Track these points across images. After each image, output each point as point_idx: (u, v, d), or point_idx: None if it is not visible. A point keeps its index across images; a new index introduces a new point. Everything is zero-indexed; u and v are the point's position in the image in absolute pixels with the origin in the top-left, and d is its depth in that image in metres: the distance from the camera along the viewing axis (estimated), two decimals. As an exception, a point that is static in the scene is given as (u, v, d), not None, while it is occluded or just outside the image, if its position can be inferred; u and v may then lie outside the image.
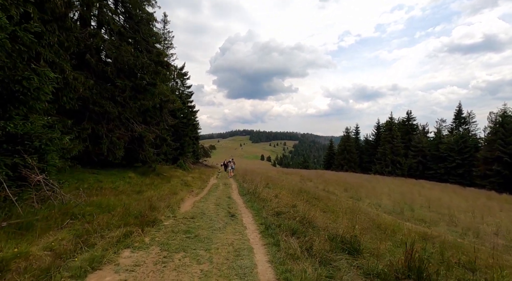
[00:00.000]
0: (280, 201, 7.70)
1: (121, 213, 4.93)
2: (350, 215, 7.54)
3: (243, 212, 6.34)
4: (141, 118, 13.20)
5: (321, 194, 11.34)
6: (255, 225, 5.06)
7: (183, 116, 27.21)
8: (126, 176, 10.67)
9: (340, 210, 7.84)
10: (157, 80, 12.74)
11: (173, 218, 5.06)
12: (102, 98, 10.86)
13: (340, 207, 9.01)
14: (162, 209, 5.41)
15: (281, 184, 15.01)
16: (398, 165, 41.77)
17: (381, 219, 6.96)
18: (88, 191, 6.74)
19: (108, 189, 7.67)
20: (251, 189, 9.60)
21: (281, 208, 6.21)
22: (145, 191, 8.51)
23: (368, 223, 5.83)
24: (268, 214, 5.81)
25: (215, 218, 5.39)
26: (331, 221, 5.81)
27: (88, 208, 4.83)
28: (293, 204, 6.86)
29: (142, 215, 4.62)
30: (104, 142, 10.75)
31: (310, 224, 4.96)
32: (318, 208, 8.01)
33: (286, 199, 8.14)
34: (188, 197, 9.05)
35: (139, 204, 5.90)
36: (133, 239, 3.62)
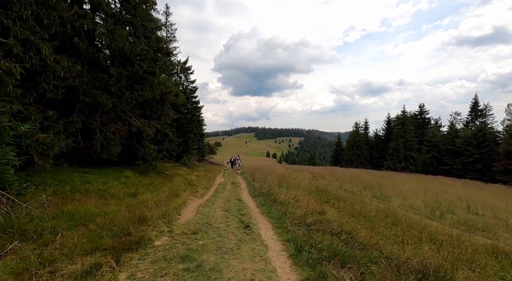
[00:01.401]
0: (301, 205, 6.37)
1: (99, 227, 3.66)
2: (390, 220, 6.18)
3: (259, 220, 5.02)
4: (139, 111, 11.97)
5: (342, 195, 9.96)
6: (279, 242, 3.74)
7: (187, 112, 26.01)
8: (122, 176, 9.46)
9: (376, 216, 6.47)
10: (156, 68, 11.46)
11: (169, 234, 3.76)
12: (94, 88, 9.63)
13: (370, 210, 7.64)
14: (155, 220, 4.11)
15: (293, 182, 13.67)
16: (411, 161, 39.95)
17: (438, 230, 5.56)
18: (69, 196, 5.51)
19: (96, 192, 6.44)
20: (264, 190, 8.29)
21: (306, 215, 4.88)
22: (141, 194, 7.27)
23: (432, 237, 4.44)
24: (292, 224, 4.48)
25: (224, 232, 4.09)
26: (376, 233, 4.45)
27: (53, 221, 3.58)
28: (320, 209, 5.52)
29: (125, 232, 3.34)
30: (97, 137, 9.54)
31: (356, 241, 3.62)
32: (347, 213, 6.65)
33: (307, 202, 6.80)
34: (192, 200, 7.79)
35: (128, 212, 4.64)
36: (100, 278, 2.33)
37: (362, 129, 54.90)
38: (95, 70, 10.01)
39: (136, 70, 10.85)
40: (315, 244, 3.37)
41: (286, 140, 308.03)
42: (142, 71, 10.93)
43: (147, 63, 11.26)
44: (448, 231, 5.25)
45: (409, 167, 39.66)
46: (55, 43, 7.37)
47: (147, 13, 12.48)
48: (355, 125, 54.28)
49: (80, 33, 9.31)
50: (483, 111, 41.67)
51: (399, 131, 41.16)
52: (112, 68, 10.07)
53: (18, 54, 5.76)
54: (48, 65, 6.61)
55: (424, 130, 44.88)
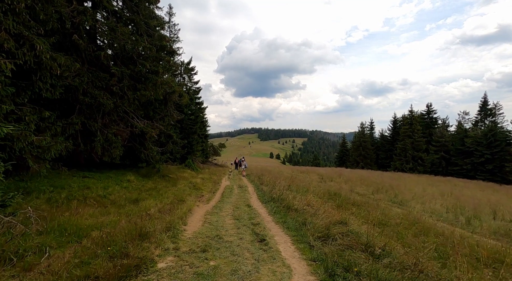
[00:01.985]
0: (317, 212, 5.81)
1: (95, 243, 3.15)
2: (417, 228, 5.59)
3: (275, 232, 4.47)
4: (142, 112, 11.50)
5: (357, 199, 9.37)
6: (303, 262, 3.18)
7: (191, 113, 25.60)
8: (124, 180, 8.98)
9: (400, 225, 5.88)
10: (159, 67, 10.98)
11: (174, 253, 3.22)
12: (95, 88, 9.18)
13: (391, 216, 7.04)
14: (158, 234, 3.59)
15: (302, 185, 13.10)
16: (419, 161, 39.04)
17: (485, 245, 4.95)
18: (64, 204, 5.01)
19: (95, 198, 5.95)
20: (275, 195, 7.74)
21: (330, 227, 4.31)
22: (144, 200, 6.76)
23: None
24: (314, 237, 3.93)
25: (238, 248, 3.55)
26: (409, 246, 3.89)
27: (39, 238, 3.07)
28: (341, 218, 4.95)
29: (123, 253, 2.81)
30: (98, 139, 9.08)
31: (393, 259, 3.05)
32: (368, 220, 6.07)
33: (324, 209, 6.23)
34: (198, 206, 7.27)
35: (129, 223, 4.12)
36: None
37: (367, 129, 54.01)
38: (95, 69, 9.57)
39: (138, 69, 10.40)
40: (350, 266, 2.81)
41: (290, 140, 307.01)
42: (144, 70, 10.47)
43: (150, 62, 10.79)
44: (503, 248, 4.61)
45: (417, 167, 38.76)
46: (53, 40, 6.92)
47: (150, 11, 12.06)
48: (360, 126, 53.45)
49: (80, 31, 8.88)
50: (493, 110, 40.58)
51: (406, 131, 40.28)
52: (113, 67, 9.61)
53: (10, 49, 5.31)
54: (43, 62, 6.15)
55: (431, 130, 43.89)
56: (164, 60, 11.66)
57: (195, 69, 31.05)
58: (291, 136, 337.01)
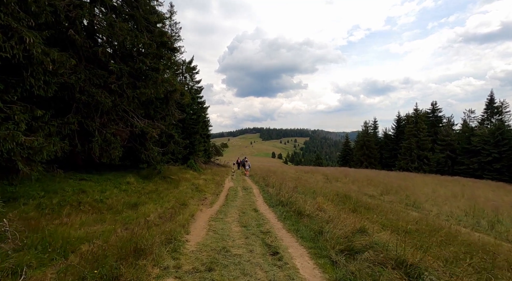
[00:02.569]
0: (331, 218, 5.33)
1: (84, 259, 2.69)
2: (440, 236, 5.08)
3: (288, 243, 4.00)
4: (142, 111, 11.06)
5: (368, 202, 8.87)
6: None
7: (193, 112, 25.16)
8: (124, 182, 8.54)
9: (420, 231, 5.38)
10: (160, 64, 10.54)
11: (175, 272, 2.74)
12: (92, 86, 8.75)
13: (408, 221, 6.55)
14: (156, 248, 3.12)
15: (309, 186, 12.61)
16: (425, 161, 38.37)
17: None
18: (55, 211, 4.56)
19: (91, 203, 5.51)
20: (284, 198, 7.25)
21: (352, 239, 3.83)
22: (143, 204, 6.31)
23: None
24: (335, 250, 3.45)
25: (248, 265, 3.07)
26: (441, 260, 3.40)
27: (15, 257, 2.61)
28: (359, 226, 4.46)
29: (114, 276, 2.36)
30: (96, 139, 8.65)
31: None
32: (387, 227, 5.59)
33: (337, 214, 5.75)
34: (201, 210, 6.80)
35: (126, 231, 3.67)
36: None
37: (371, 128, 53.34)
38: (93, 67, 9.14)
39: (138, 66, 9.95)
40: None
41: (291, 140, 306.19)
42: (144, 67, 10.02)
43: (150, 58, 10.35)
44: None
45: (423, 167, 38.10)
46: (46, 34, 6.48)
47: (150, 6, 11.61)
48: (364, 125, 52.82)
49: (76, 26, 8.44)
50: (499, 108, 39.83)
51: (411, 130, 39.61)
52: (112, 64, 9.17)
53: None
54: (34, 56, 5.71)
55: (437, 128, 43.19)
56: (165, 57, 11.22)
57: (197, 68, 30.62)
58: (293, 136, 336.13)
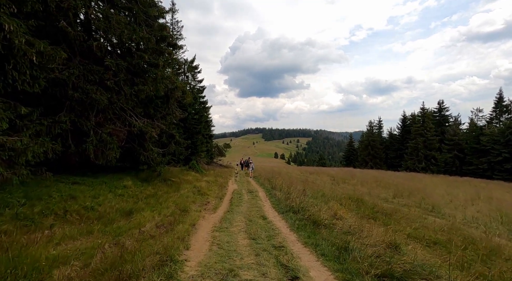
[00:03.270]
0: (352, 228, 4.67)
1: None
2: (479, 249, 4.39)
3: (308, 262, 3.34)
4: (141, 110, 10.46)
5: (384, 207, 8.18)
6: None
7: (195, 112, 24.59)
8: (120, 186, 7.94)
9: (452, 242, 4.68)
10: (159, 60, 9.93)
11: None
12: (86, 82, 8.16)
13: (434, 230, 5.86)
14: (147, 274, 2.49)
15: (317, 188, 11.94)
16: (432, 161, 37.48)
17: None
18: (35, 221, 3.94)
19: (79, 212, 4.89)
20: (295, 204, 6.59)
21: (379, 254, 3.16)
22: (140, 211, 5.68)
23: None
24: (370, 276, 2.78)
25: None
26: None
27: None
28: (390, 240, 3.79)
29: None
30: (91, 140, 8.05)
31: None
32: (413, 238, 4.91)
33: (358, 223, 5.09)
34: (203, 217, 6.17)
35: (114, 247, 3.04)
36: None
37: (376, 128, 52.46)
38: (88, 62, 8.55)
39: (136, 61, 9.36)
40: None
41: (294, 140, 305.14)
42: (143, 63, 9.43)
43: (149, 54, 9.75)
44: None
45: (430, 167, 37.21)
46: (32, 23, 5.89)
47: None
48: (369, 124, 51.95)
49: (69, 17, 7.85)
50: (509, 106, 38.82)
51: (418, 130, 38.73)
52: (108, 59, 8.57)
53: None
54: (16, 47, 5.11)
55: (444, 128, 42.23)
56: (165, 53, 10.61)
57: (199, 68, 30.05)
58: (295, 136, 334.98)
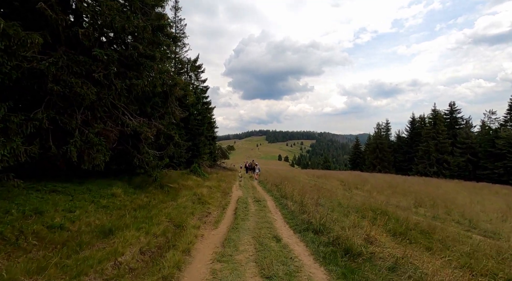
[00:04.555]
0: (397, 260, 3.48)
1: None
2: None
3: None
4: (136, 107, 9.37)
5: (416, 221, 6.92)
6: None
7: (198, 113, 23.56)
8: (107, 194, 6.82)
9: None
10: (156, 52, 8.86)
11: None
12: (71, 74, 7.10)
13: (487, 255, 4.62)
14: None
15: (329, 195, 10.71)
16: (445, 165, 35.87)
17: None
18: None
19: (40, 234, 3.76)
20: (314, 221, 5.39)
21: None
22: (123, 229, 4.53)
23: None
24: None
25: None
26: None
27: None
28: None
29: None
30: (75, 140, 6.95)
31: None
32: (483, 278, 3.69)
33: (407, 253, 3.89)
34: (202, 236, 5.01)
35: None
36: None
37: (383, 130, 50.95)
38: (75, 53, 7.51)
39: (130, 52, 8.29)
40: None
41: (298, 143, 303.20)
42: (137, 54, 8.35)
43: (145, 44, 8.68)
44: None
45: (442, 171, 35.63)
46: None
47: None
48: (376, 126, 50.48)
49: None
50: (525, 109, 37.14)
51: (429, 132, 37.20)
52: (96, 49, 7.51)
53: None
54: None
55: (455, 130, 40.61)
56: (163, 45, 9.54)
57: (202, 67, 29.09)
58: (299, 138, 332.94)
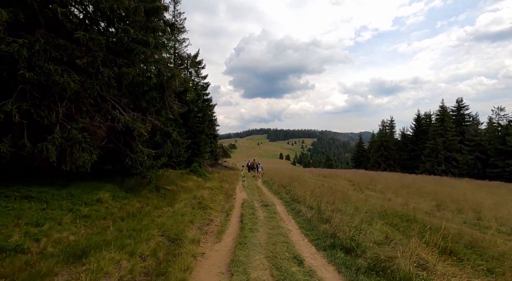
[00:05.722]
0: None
1: None
2: None
3: None
4: (127, 100, 8.31)
5: (455, 231, 5.88)
6: None
7: (198, 110, 22.53)
8: (91, 200, 5.80)
9: None
10: (149, 37, 7.81)
11: None
12: (49, 60, 6.09)
13: None
14: None
15: (342, 197, 9.68)
16: (453, 163, 34.71)
17: None
18: None
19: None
20: (341, 234, 4.36)
21: None
22: (102, 249, 3.51)
23: None
24: None
25: None
26: None
27: None
28: None
29: None
30: (54, 137, 5.93)
31: None
32: None
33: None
34: (203, 255, 3.99)
35: None
36: None
37: (388, 128, 49.77)
38: (54, 36, 6.47)
39: (119, 36, 7.25)
40: None
41: (299, 141, 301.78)
42: (127, 38, 7.31)
43: (137, 29, 7.64)
44: None
45: (451, 170, 34.46)
46: None
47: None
48: (381, 124, 49.31)
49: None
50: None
51: (437, 129, 36.01)
52: (79, 31, 6.47)
53: None
54: None
55: (463, 127, 39.41)
56: (158, 30, 8.48)
57: (203, 63, 28.04)
58: (300, 137, 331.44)
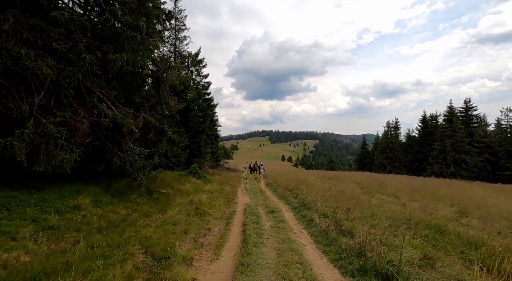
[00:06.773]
0: None
1: None
2: None
3: None
4: (116, 92, 7.40)
5: (495, 246, 4.89)
6: None
7: (199, 109, 21.66)
8: (67, 207, 4.87)
9: None
10: (140, 21, 6.92)
11: None
12: (19, 43, 5.21)
13: None
14: None
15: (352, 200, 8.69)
16: (462, 165, 33.51)
17: None
18: None
19: None
20: (374, 256, 3.39)
21: None
22: (59, 276, 2.56)
23: None
24: None
25: None
26: None
27: None
28: None
29: None
30: (23, 132, 5.02)
31: None
32: None
33: None
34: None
35: None
36: None
37: (393, 130, 48.63)
38: (29, 16, 5.60)
39: (105, 19, 6.36)
40: None
41: (301, 143, 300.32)
42: (114, 20, 6.42)
43: (126, 10, 6.76)
44: None
45: (460, 172, 33.25)
46: None
47: None
48: (386, 125, 48.20)
49: None
50: (547, 106, 34.72)
51: (445, 130, 34.87)
52: (56, 11, 5.59)
53: None
54: None
55: (471, 129, 38.24)
56: (151, 15, 7.59)
57: (204, 62, 27.24)
58: (302, 139, 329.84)
